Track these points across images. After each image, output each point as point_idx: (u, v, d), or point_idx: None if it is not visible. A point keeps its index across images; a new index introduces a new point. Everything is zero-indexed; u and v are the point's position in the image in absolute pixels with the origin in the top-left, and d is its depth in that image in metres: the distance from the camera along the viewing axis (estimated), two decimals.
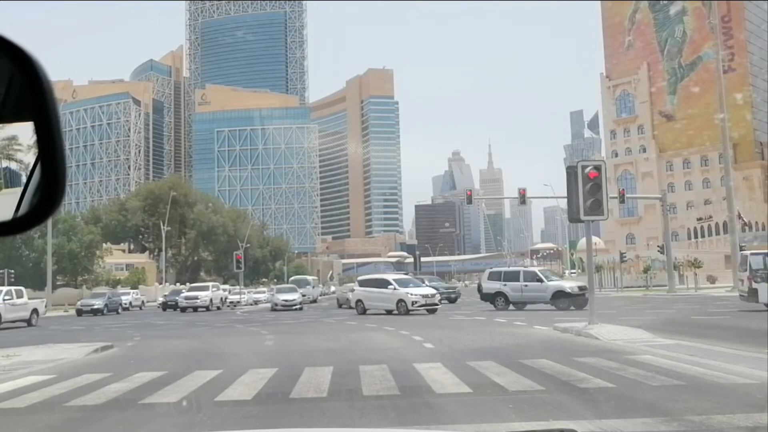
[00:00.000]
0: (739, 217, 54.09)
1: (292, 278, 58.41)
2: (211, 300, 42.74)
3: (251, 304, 51.65)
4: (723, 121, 39.22)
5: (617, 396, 7.43)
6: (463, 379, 8.68)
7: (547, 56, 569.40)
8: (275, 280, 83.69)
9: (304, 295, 46.55)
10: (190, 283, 72.02)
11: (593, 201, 15.68)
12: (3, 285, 49.76)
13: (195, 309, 41.29)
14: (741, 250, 35.07)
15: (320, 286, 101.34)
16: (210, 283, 46.72)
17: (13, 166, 1.55)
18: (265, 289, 63.67)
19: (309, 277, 58.35)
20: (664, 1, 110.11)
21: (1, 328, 26.08)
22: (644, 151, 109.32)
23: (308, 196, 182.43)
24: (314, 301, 52.09)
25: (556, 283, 28.25)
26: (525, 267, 40.60)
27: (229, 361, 12.06)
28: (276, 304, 37.83)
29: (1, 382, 10.21)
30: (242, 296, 54.24)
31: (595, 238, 64.22)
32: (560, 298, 26.65)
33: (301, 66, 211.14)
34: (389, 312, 26.89)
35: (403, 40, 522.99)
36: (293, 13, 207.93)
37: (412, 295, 26.70)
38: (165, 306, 45.98)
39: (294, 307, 37.07)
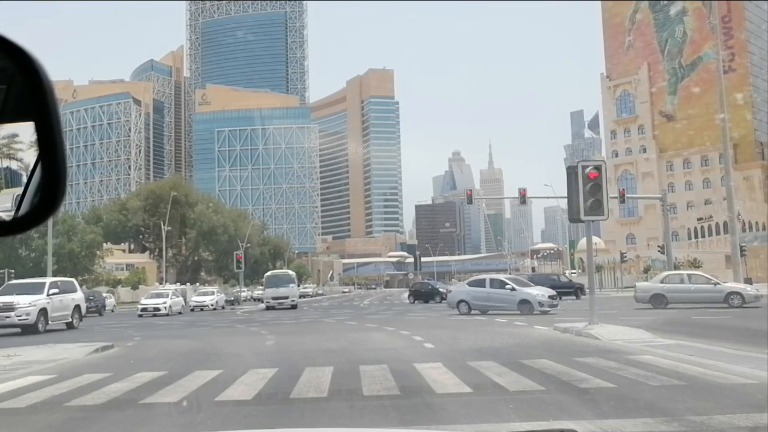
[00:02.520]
0: (738, 217, 54.09)
1: (268, 274, 45.40)
2: (44, 312, 22.17)
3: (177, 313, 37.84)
4: (723, 122, 39.16)
5: (617, 396, 7.42)
6: (464, 379, 8.68)
7: (547, 56, 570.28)
8: None
9: (286, 297, 40.09)
10: (191, 283, 71.85)
11: (593, 201, 15.68)
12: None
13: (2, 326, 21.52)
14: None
15: (314, 285, 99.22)
16: (48, 280, 24.66)
17: (14, 165, 1.56)
18: (213, 288, 53.06)
19: (290, 273, 45.41)
20: (665, 1, 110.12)
21: None
22: (644, 151, 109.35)
23: (308, 196, 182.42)
24: (294, 306, 40.11)
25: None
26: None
27: (229, 361, 12.05)
28: None
29: (1, 382, 10.20)
30: (166, 302, 37.26)
31: (595, 238, 64.17)
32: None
33: (301, 66, 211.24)
34: None
35: (403, 40, 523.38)
36: (294, 13, 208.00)
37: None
38: None
39: None
